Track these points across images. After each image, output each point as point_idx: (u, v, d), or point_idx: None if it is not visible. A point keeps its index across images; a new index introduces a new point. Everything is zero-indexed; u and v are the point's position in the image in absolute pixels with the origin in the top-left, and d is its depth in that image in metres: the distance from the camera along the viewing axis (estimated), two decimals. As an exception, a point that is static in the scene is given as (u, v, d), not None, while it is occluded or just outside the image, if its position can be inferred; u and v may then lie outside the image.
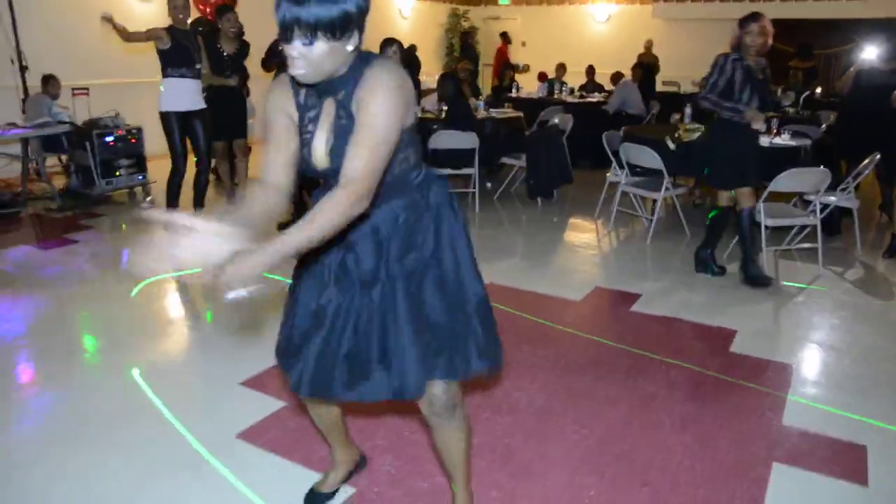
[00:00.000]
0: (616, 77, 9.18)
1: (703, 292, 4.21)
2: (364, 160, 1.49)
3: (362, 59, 1.56)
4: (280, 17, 1.43)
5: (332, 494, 2.25)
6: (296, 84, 1.62)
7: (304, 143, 1.66)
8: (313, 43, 1.44)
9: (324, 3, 1.40)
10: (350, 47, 1.50)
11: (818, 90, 9.03)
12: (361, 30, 1.52)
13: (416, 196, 1.72)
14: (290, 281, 1.90)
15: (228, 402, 2.87)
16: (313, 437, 2.58)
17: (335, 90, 1.58)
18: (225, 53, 5.49)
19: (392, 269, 1.70)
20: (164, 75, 4.75)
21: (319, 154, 1.62)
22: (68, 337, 3.58)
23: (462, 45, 11.50)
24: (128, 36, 4.66)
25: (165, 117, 4.79)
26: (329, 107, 1.61)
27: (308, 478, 2.34)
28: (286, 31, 1.44)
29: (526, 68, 10.52)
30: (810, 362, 3.30)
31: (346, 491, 2.29)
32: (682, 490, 2.30)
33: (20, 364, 3.25)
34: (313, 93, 1.62)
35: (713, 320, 3.74)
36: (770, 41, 3.97)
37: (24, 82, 7.06)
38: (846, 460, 2.49)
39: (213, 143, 5.86)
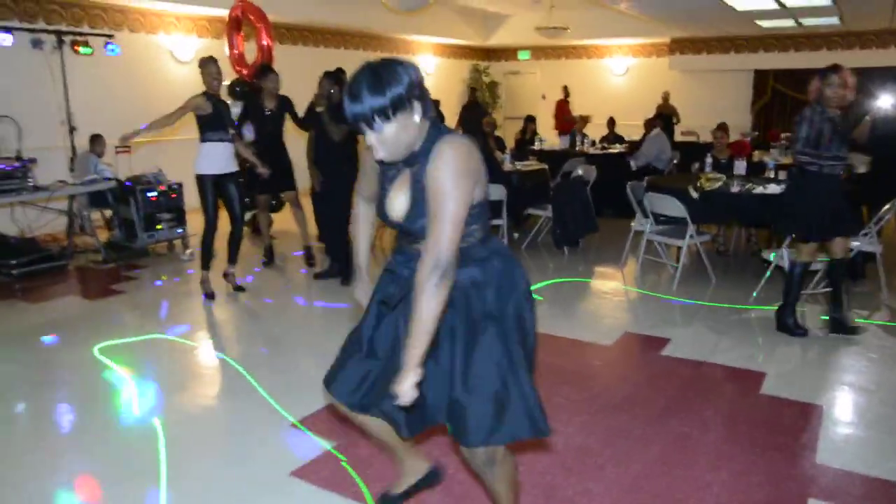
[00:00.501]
0: (649, 124, 9.30)
1: (730, 336, 4.32)
2: (443, 239, 1.65)
3: (436, 131, 1.77)
4: (348, 116, 1.68)
5: (403, 497, 2.39)
6: None
7: (382, 196, 1.90)
8: (380, 128, 1.67)
9: (374, 93, 1.63)
10: (416, 118, 1.70)
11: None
12: (422, 99, 1.72)
13: (476, 270, 1.87)
14: None
15: (282, 442, 3.02)
16: (364, 475, 2.72)
17: (413, 161, 1.79)
18: (267, 111, 5.77)
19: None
20: (202, 139, 4.99)
21: (396, 212, 1.85)
22: (123, 380, 3.77)
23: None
24: (168, 119, 4.86)
25: (200, 180, 5.02)
26: (405, 175, 1.84)
27: (361, 513, 2.47)
28: (357, 125, 1.68)
29: (588, 119, 10.64)
30: (840, 403, 3.38)
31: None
32: (720, 524, 2.40)
33: (91, 407, 3.43)
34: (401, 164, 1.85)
35: (742, 364, 3.85)
36: (850, 93, 3.93)
37: (72, 142, 7.44)
38: (880, 497, 2.57)
39: (258, 195, 6.11)
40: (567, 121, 11.23)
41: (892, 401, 3.39)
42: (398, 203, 1.85)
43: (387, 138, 1.69)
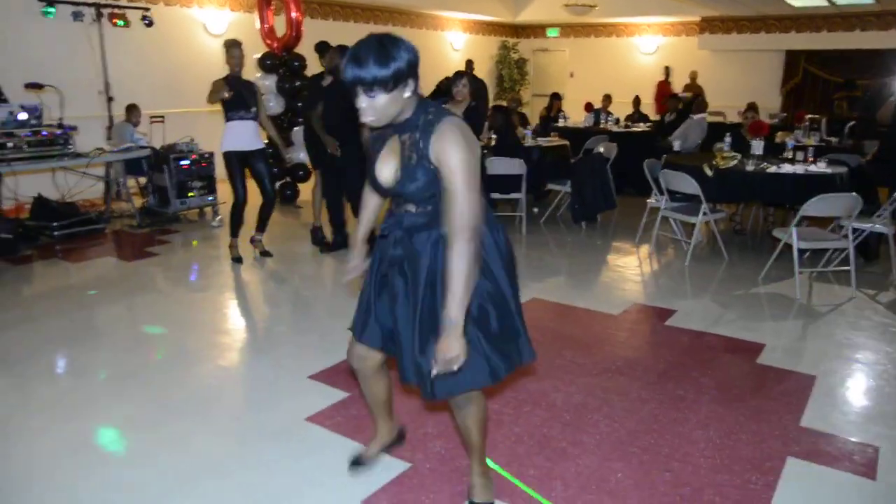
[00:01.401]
0: (684, 107, 9.26)
1: (736, 310, 4.44)
2: (462, 205, 1.85)
3: (423, 106, 1.96)
4: (347, 77, 1.85)
5: (370, 460, 2.62)
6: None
7: (372, 160, 2.08)
8: (375, 96, 1.85)
9: (379, 64, 1.80)
10: (407, 94, 1.90)
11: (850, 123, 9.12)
12: (416, 78, 1.92)
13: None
14: None
15: (298, 392, 3.25)
16: (372, 423, 2.94)
17: (401, 130, 1.98)
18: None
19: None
20: (226, 119, 5.20)
21: (385, 178, 2.03)
22: (158, 334, 4.04)
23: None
24: (211, 100, 5.11)
25: (226, 157, 5.24)
26: (395, 143, 2.02)
27: (369, 454, 2.69)
28: (353, 88, 1.86)
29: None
30: (834, 373, 3.50)
31: (402, 466, 2.63)
32: (701, 475, 2.57)
33: (122, 352, 3.71)
34: (390, 133, 2.04)
35: (743, 335, 3.98)
36: None
37: (109, 111, 7.74)
38: (857, 458, 2.71)
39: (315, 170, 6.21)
40: (665, 102, 10.43)
41: (887, 374, 3.50)
42: (387, 169, 2.03)
43: (377, 106, 1.87)
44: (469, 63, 10.41)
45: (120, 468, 2.63)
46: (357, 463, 2.61)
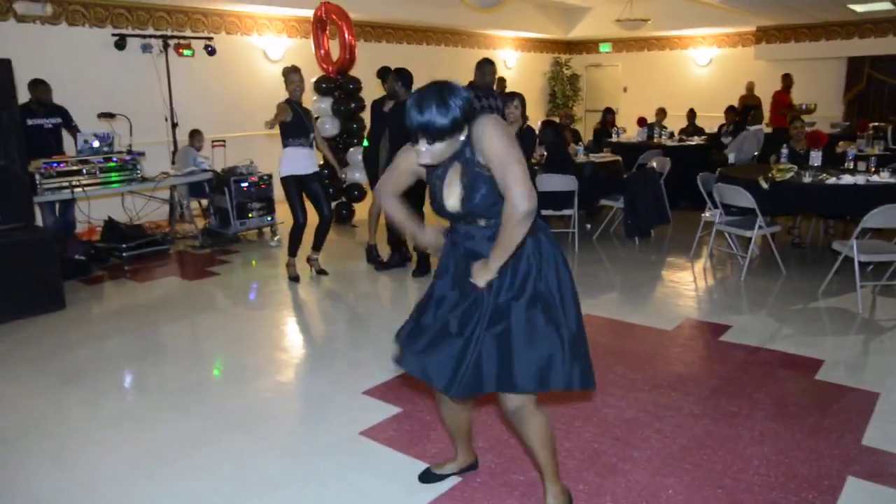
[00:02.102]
0: (742, 119, 9.08)
1: (793, 325, 4.34)
2: (514, 172, 1.94)
3: (469, 128, 2.04)
4: (409, 123, 1.96)
5: (442, 477, 2.67)
6: None
7: (434, 193, 2.17)
8: (434, 143, 1.98)
9: (440, 115, 1.92)
10: (463, 136, 2.01)
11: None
12: (470, 120, 2.01)
13: (528, 239, 2.12)
14: None
15: (353, 407, 3.34)
16: (426, 437, 3.01)
17: (459, 155, 2.08)
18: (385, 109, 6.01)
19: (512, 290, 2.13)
20: (284, 145, 5.40)
21: (453, 202, 2.12)
22: (223, 348, 4.21)
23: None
24: (272, 123, 5.32)
25: (285, 181, 5.43)
26: (455, 169, 2.11)
27: (419, 468, 2.74)
28: (414, 134, 1.98)
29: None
30: (898, 391, 3.40)
31: (453, 480, 2.67)
32: (755, 492, 2.53)
33: (180, 368, 3.88)
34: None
35: (801, 350, 3.89)
36: None
37: (174, 136, 8.10)
38: (922, 477, 2.63)
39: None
40: (782, 114, 9.88)
41: (955, 390, 3.37)
42: (454, 193, 2.12)
43: (435, 151, 2.00)
44: (502, 80, 10.22)
45: (180, 480, 2.75)
46: (427, 477, 2.68)
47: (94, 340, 4.39)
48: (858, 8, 10.23)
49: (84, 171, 6.08)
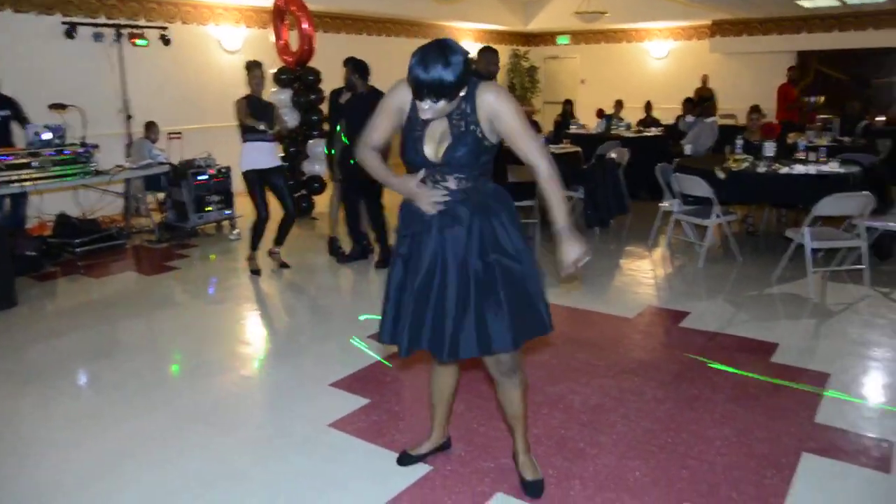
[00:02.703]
0: (687, 106, 9.30)
1: (749, 311, 4.47)
2: (534, 146, 2.14)
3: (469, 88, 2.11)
4: (416, 82, 1.99)
5: (420, 458, 2.73)
6: (414, 102, 2.14)
7: (414, 140, 2.19)
8: (438, 102, 2.03)
9: (445, 71, 1.96)
10: (463, 93, 2.08)
11: (878, 119, 9.10)
12: (469, 77, 2.07)
13: (489, 200, 2.23)
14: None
15: (320, 399, 3.33)
16: (395, 427, 3.02)
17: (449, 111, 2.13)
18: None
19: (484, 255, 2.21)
20: (244, 139, 5.33)
21: (432, 152, 2.17)
22: (184, 343, 4.14)
23: None
24: (244, 121, 5.24)
25: (246, 175, 5.36)
26: (442, 121, 2.15)
27: (390, 458, 2.76)
28: (418, 91, 2.01)
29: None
30: (848, 371, 3.52)
31: (424, 469, 2.69)
32: (717, 472, 2.61)
33: (159, 361, 3.81)
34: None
35: (757, 335, 4.02)
36: None
37: (128, 129, 7.90)
38: (872, 452, 2.74)
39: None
40: (791, 109, 9.79)
41: (902, 370, 3.53)
42: (431, 145, 2.17)
43: (438, 108, 2.05)
44: None
45: (147, 477, 2.71)
46: (405, 460, 2.73)
47: (49, 338, 4.28)
48: (806, 3, 10.53)
49: (34, 164, 5.90)
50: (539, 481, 2.50)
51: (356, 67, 5.39)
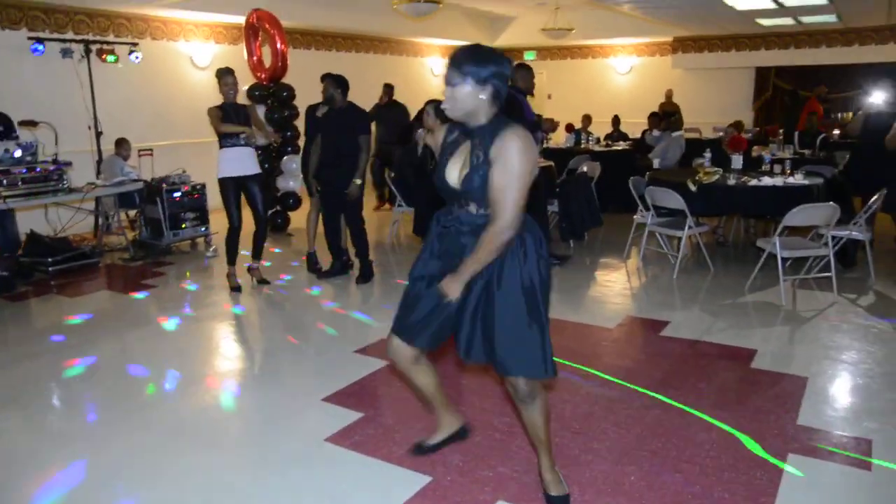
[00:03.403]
0: (653, 121, 9.59)
1: (726, 319, 4.62)
2: (507, 200, 2.13)
3: (499, 120, 2.21)
4: (448, 65, 2.18)
5: (435, 448, 2.84)
6: (450, 126, 2.36)
7: (442, 165, 2.32)
8: (457, 85, 2.14)
9: (470, 60, 2.14)
10: (482, 96, 2.16)
11: (835, 132, 9.45)
12: (497, 87, 2.17)
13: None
14: None
15: (314, 415, 3.34)
16: (391, 440, 3.05)
17: (475, 136, 2.23)
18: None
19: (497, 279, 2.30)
20: (221, 145, 5.31)
21: (453, 179, 2.26)
22: (166, 362, 4.11)
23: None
24: (222, 130, 5.21)
25: (221, 183, 5.32)
26: (466, 147, 2.26)
27: (389, 470, 2.79)
28: (448, 76, 2.17)
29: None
30: (824, 374, 3.68)
31: (424, 479, 2.73)
32: (709, 474, 2.71)
33: (145, 375, 3.78)
34: (458, 133, 2.32)
35: (735, 342, 4.15)
36: None
37: (98, 146, 7.80)
38: (853, 451, 2.87)
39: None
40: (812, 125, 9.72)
41: (872, 372, 3.68)
42: (455, 171, 2.27)
43: (457, 96, 2.16)
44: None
45: (144, 498, 2.70)
46: (419, 449, 2.84)
47: (27, 360, 4.20)
48: (765, 22, 10.91)
49: (5, 182, 5.79)
50: (563, 497, 2.53)
51: (337, 83, 5.43)
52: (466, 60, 2.13)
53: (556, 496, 2.52)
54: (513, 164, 2.12)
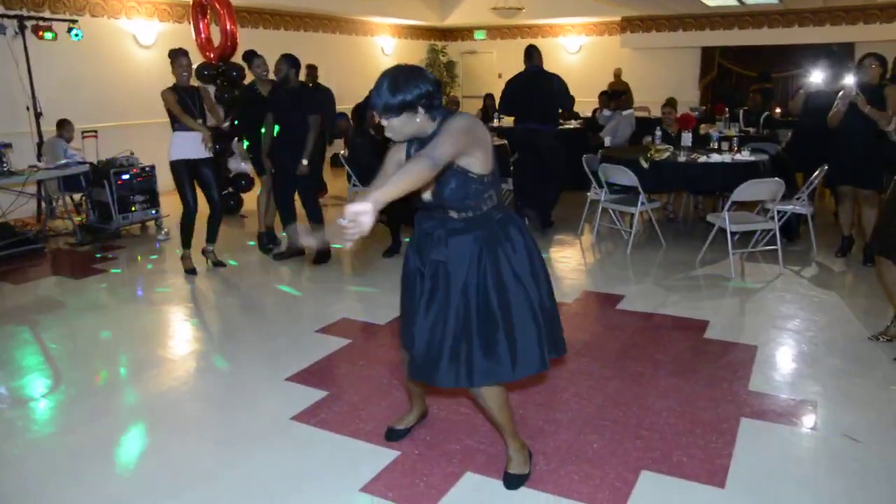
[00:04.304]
0: (603, 100, 9.75)
1: (678, 292, 4.76)
2: (441, 143, 2.02)
3: (446, 117, 2.20)
4: (372, 102, 2.16)
5: (406, 432, 2.90)
6: (409, 141, 2.30)
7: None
8: (389, 119, 2.14)
9: (389, 93, 2.09)
10: (418, 119, 2.16)
11: (777, 111, 9.74)
12: (427, 106, 2.15)
13: (497, 230, 2.31)
14: None
15: (278, 394, 3.34)
16: (357, 417, 3.07)
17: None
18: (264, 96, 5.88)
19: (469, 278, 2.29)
20: (174, 129, 5.20)
21: (427, 193, 2.26)
22: (123, 347, 4.03)
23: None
24: (182, 118, 5.09)
25: (174, 166, 5.22)
26: None
27: (356, 446, 2.82)
28: (375, 109, 2.15)
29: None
30: (772, 343, 3.84)
31: (392, 454, 2.76)
32: (668, 440, 2.81)
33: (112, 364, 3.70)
34: (417, 146, 2.27)
35: (688, 314, 4.29)
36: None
37: (38, 128, 7.50)
38: (801, 413, 3.02)
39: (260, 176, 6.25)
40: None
41: (816, 340, 3.86)
42: (426, 188, 2.24)
43: (394, 126, 2.17)
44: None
45: (110, 482, 2.67)
46: (392, 434, 2.88)
47: (-23, 347, 4.07)
48: (710, 2, 11.14)
49: (-60, 165, 5.55)
50: (516, 476, 2.55)
51: (292, 63, 5.39)
52: (386, 99, 2.08)
53: (511, 473, 2.55)
54: (454, 124, 2.13)
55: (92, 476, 2.69)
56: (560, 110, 7.15)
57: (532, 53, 6.72)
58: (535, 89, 6.56)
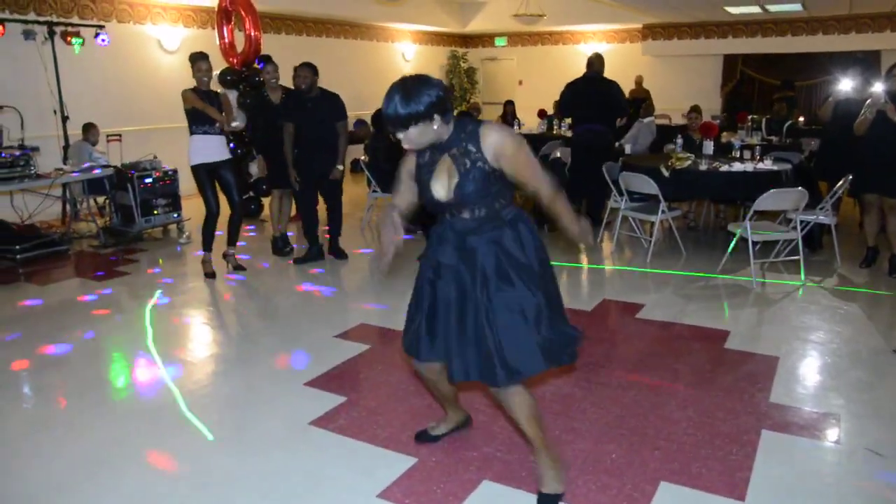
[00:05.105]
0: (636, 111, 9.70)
1: (699, 301, 4.73)
2: (536, 174, 2.26)
3: (461, 124, 2.24)
4: (383, 116, 2.16)
5: (437, 438, 2.90)
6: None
7: (423, 185, 2.32)
8: (403, 131, 2.15)
9: (401, 106, 2.09)
10: (435, 126, 2.17)
11: (801, 119, 9.65)
12: (442, 112, 2.16)
13: (508, 230, 2.32)
14: None
15: (297, 400, 3.36)
16: (375, 423, 3.08)
17: (449, 148, 2.25)
18: (275, 102, 5.98)
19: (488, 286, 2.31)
20: (191, 133, 5.26)
21: (440, 192, 2.30)
22: (145, 348, 4.07)
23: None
24: (211, 114, 5.16)
25: (195, 170, 5.28)
26: (444, 161, 2.27)
27: (374, 452, 2.82)
28: (389, 126, 2.17)
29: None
30: (794, 354, 3.79)
31: (409, 461, 2.77)
32: (686, 451, 2.79)
33: (136, 366, 3.74)
34: (430, 153, 2.31)
35: (708, 323, 4.26)
36: None
37: (65, 131, 7.63)
38: (823, 426, 2.98)
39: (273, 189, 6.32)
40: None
41: (839, 351, 3.81)
42: (440, 186, 2.28)
43: (410, 137, 2.17)
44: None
45: (131, 483, 2.69)
46: (423, 437, 2.89)
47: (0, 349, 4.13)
48: (733, 10, 11.07)
49: (-30, 168, 5.66)
50: (551, 496, 2.46)
51: (315, 71, 5.47)
52: (399, 112, 2.09)
53: (545, 493, 2.48)
54: (511, 146, 2.19)
55: (108, 478, 2.72)
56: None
57: (594, 61, 6.88)
58: (595, 93, 6.70)
